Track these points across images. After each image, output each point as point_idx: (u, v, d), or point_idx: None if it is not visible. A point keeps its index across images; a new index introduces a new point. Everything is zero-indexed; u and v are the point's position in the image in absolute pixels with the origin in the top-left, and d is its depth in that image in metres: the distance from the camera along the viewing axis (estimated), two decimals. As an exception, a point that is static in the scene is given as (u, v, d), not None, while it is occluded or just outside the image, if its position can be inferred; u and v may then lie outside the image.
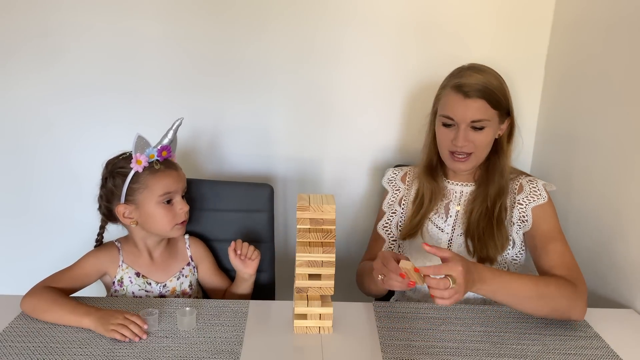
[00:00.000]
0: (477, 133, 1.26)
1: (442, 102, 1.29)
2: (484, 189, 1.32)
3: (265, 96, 1.72)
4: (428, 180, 1.37)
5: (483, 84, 1.23)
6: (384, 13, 1.65)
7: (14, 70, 1.67)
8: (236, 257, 1.31)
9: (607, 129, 1.40)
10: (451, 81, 1.28)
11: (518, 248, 1.33)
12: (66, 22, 1.63)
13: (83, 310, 1.11)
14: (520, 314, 1.22)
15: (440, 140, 1.31)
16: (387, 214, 1.43)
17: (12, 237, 1.84)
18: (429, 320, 1.19)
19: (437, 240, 1.36)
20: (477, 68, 1.28)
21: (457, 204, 1.37)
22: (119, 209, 1.25)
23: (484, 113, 1.24)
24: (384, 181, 1.47)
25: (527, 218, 1.29)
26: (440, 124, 1.30)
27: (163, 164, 1.25)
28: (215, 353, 1.05)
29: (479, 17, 1.66)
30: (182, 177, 1.29)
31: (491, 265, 1.29)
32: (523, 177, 1.35)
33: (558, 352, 1.09)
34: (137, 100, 1.71)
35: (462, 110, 1.24)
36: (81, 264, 1.27)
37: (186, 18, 1.64)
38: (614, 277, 1.35)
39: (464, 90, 1.23)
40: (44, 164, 1.77)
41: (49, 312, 1.12)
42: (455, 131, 1.27)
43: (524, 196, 1.31)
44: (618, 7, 1.37)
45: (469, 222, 1.32)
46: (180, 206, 1.27)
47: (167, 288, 1.32)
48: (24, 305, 1.15)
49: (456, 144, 1.26)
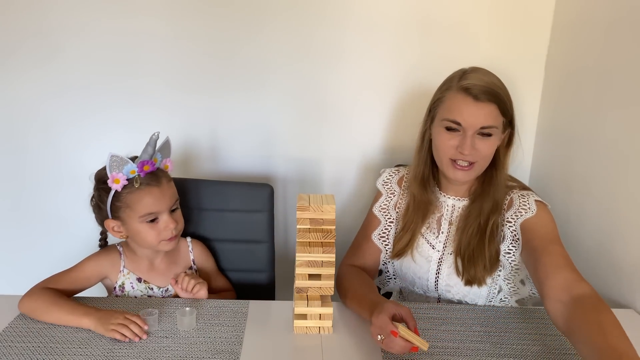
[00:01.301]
0: (483, 141, 1.17)
1: (445, 105, 1.19)
2: (479, 204, 1.24)
3: (266, 96, 1.72)
4: (420, 192, 1.28)
5: (493, 88, 1.15)
6: (383, 13, 1.65)
7: (12, 69, 1.67)
8: (182, 290, 1.24)
9: (607, 129, 1.40)
10: (456, 82, 1.18)
11: (509, 269, 1.26)
12: (65, 21, 1.63)
13: (82, 310, 1.11)
14: (520, 314, 1.22)
15: (441, 146, 1.20)
16: (384, 221, 1.35)
17: (11, 237, 1.83)
18: (429, 320, 1.18)
19: (428, 259, 1.30)
20: (482, 70, 1.20)
21: (448, 219, 1.29)
22: (108, 224, 1.25)
23: (494, 119, 1.16)
24: (378, 183, 1.39)
25: (519, 237, 1.21)
26: (442, 129, 1.19)
27: (145, 180, 1.20)
28: (215, 353, 1.05)
29: (479, 17, 1.66)
30: (166, 194, 1.23)
31: (479, 287, 1.24)
32: (515, 192, 1.25)
33: (558, 352, 1.09)
34: (137, 100, 1.71)
35: (472, 114, 1.15)
36: (82, 267, 1.26)
37: (186, 18, 1.64)
38: (614, 277, 1.35)
39: (474, 93, 1.14)
40: (43, 163, 1.77)
41: (47, 313, 1.12)
42: (460, 137, 1.17)
43: (512, 213, 1.22)
44: (618, 7, 1.37)
45: (460, 240, 1.25)
46: (165, 224, 1.22)
47: (170, 292, 1.31)
48: (23, 306, 1.15)
49: (462, 151, 1.16)
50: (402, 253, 1.31)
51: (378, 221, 1.36)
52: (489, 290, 1.28)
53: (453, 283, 1.28)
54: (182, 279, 1.24)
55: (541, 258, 1.12)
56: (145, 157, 1.20)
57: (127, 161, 1.18)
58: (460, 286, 1.27)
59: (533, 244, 1.16)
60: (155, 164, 1.22)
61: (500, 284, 1.29)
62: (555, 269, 1.08)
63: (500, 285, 1.29)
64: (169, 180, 1.27)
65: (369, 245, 1.35)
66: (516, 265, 1.25)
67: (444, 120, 1.19)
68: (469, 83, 1.15)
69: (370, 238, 1.35)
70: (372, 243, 1.35)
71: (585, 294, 1.01)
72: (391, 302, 1.04)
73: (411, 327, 1.00)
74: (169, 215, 1.23)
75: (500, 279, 1.28)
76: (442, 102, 1.20)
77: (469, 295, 1.28)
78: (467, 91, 1.15)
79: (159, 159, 1.24)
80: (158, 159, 1.23)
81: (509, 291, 1.30)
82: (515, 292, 1.30)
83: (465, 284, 1.26)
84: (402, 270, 1.34)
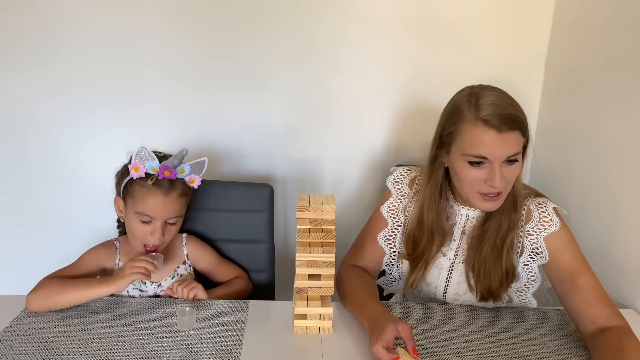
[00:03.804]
0: (510, 167, 1.10)
1: (465, 140, 1.09)
2: (496, 221, 1.18)
3: (266, 96, 1.72)
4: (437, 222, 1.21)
5: (511, 112, 1.07)
6: (384, 13, 1.65)
7: (12, 68, 1.67)
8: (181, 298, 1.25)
9: (607, 128, 1.40)
10: (472, 114, 1.08)
11: (525, 281, 1.22)
12: (64, 20, 1.63)
13: (97, 281, 1.17)
14: (520, 314, 1.22)
15: (467, 180, 1.12)
16: (391, 223, 1.29)
17: (10, 236, 1.83)
18: (429, 321, 1.19)
19: (438, 266, 1.26)
20: (492, 93, 1.10)
21: (461, 228, 1.24)
22: (116, 200, 1.32)
23: (519, 145, 1.09)
24: (389, 181, 1.32)
25: (541, 250, 1.16)
26: (464, 163, 1.10)
27: (159, 182, 1.23)
28: (215, 353, 1.05)
29: (480, 17, 1.66)
30: (169, 206, 1.25)
31: (494, 302, 1.22)
32: (531, 200, 1.19)
33: (558, 352, 1.09)
34: (136, 100, 1.71)
35: (497, 147, 1.06)
36: (83, 260, 1.28)
37: (186, 18, 1.64)
38: (614, 277, 1.35)
39: (495, 125, 1.05)
40: (43, 163, 1.77)
41: (62, 294, 1.14)
42: (487, 170, 1.09)
43: (533, 225, 1.17)
44: (618, 7, 1.37)
45: (475, 255, 1.20)
46: (152, 230, 1.24)
47: (162, 287, 1.32)
48: (33, 298, 1.15)
49: (493, 185, 1.09)
50: (416, 284, 1.26)
51: (385, 222, 1.30)
52: (498, 302, 1.25)
53: (462, 292, 1.26)
54: (176, 289, 1.24)
55: (570, 293, 1.12)
56: (170, 165, 1.25)
57: (153, 158, 1.24)
58: (469, 295, 1.25)
59: (560, 276, 1.15)
60: (175, 173, 1.26)
61: (511, 295, 1.26)
62: (587, 307, 1.10)
63: (510, 296, 1.26)
64: (182, 195, 1.28)
65: (373, 246, 1.31)
66: (533, 277, 1.22)
67: (466, 156, 1.10)
68: (487, 115, 1.06)
69: (376, 239, 1.30)
70: (376, 244, 1.30)
71: (615, 327, 1.06)
72: (390, 323, 1.02)
73: (409, 347, 0.99)
74: (162, 225, 1.25)
75: (512, 290, 1.25)
76: (460, 135, 1.11)
77: (476, 304, 1.26)
78: (487, 123, 1.06)
79: (187, 171, 1.28)
80: (186, 170, 1.28)
81: (519, 303, 1.27)
82: (525, 303, 1.27)
83: (479, 300, 1.23)
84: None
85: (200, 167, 1.32)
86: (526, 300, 1.26)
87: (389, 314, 1.08)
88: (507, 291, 1.23)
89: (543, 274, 1.23)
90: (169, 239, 1.29)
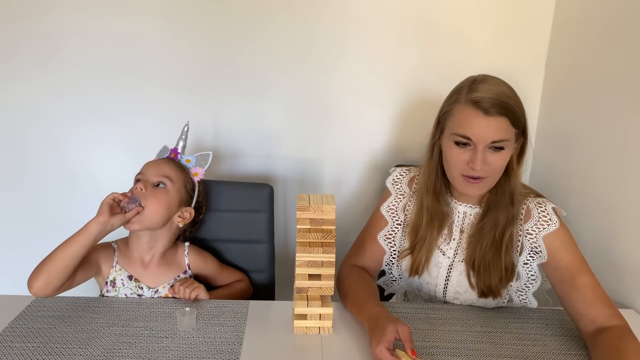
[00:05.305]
0: (495, 154, 1.12)
1: (455, 119, 1.13)
2: (494, 217, 1.19)
3: (266, 96, 1.72)
4: (434, 204, 1.23)
5: (503, 99, 1.09)
6: (384, 13, 1.65)
7: (12, 69, 1.67)
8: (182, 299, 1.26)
9: (607, 129, 1.40)
10: (465, 95, 1.12)
11: (525, 280, 1.23)
12: (64, 21, 1.63)
13: (83, 228, 1.19)
14: (520, 314, 1.22)
15: (452, 161, 1.16)
16: (391, 222, 1.31)
17: (9, 236, 1.83)
18: (429, 321, 1.19)
19: (438, 265, 1.27)
20: (491, 80, 1.14)
21: (460, 226, 1.26)
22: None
23: (505, 132, 1.11)
24: (388, 181, 1.34)
25: (540, 249, 1.18)
26: (452, 143, 1.14)
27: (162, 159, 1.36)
28: (215, 353, 1.05)
29: (479, 17, 1.66)
30: (159, 167, 1.31)
31: (494, 299, 1.23)
32: (530, 200, 1.21)
33: (558, 352, 1.09)
34: (136, 100, 1.71)
35: (482, 129, 1.09)
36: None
37: (186, 18, 1.64)
38: (614, 277, 1.35)
39: (483, 107, 1.08)
40: (42, 163, 1.77)
41: (55, 254, 1.17)
42: (471, 152, 1.12)
43: (532, 224, 1.18)
44: (618, 7, 1.37)
45: (474, 251, 1.21)
46: (136, 184, 1.29)
47: (160, 294, 1.31)
48: (34, 280, 1.15)
49: (474, 167, 1.12)
50: (421, 269, 1.27)
51: (385, 222, 1.32)
52: (498, 300, 1.25)
53: (462, 290, 1.26)
54: (178, 289, 1.24)
55: (570, 293, 1.13)
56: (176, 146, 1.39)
57: (167, 151, 1.40)
58: (469, 294, 1.25)
59: (560, 276, 1.16)
60: (177, 157, 1.37)
61: (511, 295, 1.26)
62: (586, 307, 1.11)
63: (510, 296, 1.27)
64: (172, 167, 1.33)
65: (373, 245, 1.32)
66: (532, 276, 1.23)
67: (453, 135, 1.14)
68: (478, 96, 1.09)
69: (376, 238, 1.32)
70: (377, 243, 1.32)
71: (615, 326, 1.07)
72: (390, 324, 1.03)
73: (407, 349, 1.00)
74: (145, 181, 1.28)
75: (512, 290, 1.25)
76: (451, 115, 1.15)
77: (476, 304, 1.27)
78: (476, 104, 1.09)
79: (193, 162, 1.38)
80: (192, 161, 1.37)
81: (519, 303, 1.27)
82: (525, 303, 1.27)
83: (479, 296, 1.23)
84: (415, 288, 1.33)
85: (205, 160, 1.39)
86: (526, 300, 1.26)
87: (388, 314, 1.08)
88: (508, 289, 1.23)
89: (543, 274, 1.23)
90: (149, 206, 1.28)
